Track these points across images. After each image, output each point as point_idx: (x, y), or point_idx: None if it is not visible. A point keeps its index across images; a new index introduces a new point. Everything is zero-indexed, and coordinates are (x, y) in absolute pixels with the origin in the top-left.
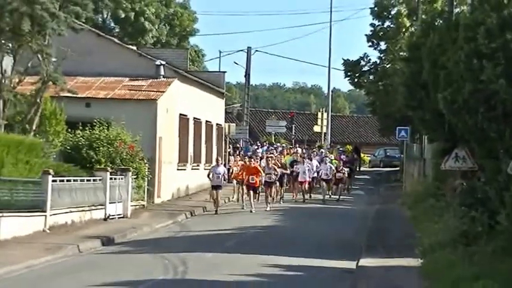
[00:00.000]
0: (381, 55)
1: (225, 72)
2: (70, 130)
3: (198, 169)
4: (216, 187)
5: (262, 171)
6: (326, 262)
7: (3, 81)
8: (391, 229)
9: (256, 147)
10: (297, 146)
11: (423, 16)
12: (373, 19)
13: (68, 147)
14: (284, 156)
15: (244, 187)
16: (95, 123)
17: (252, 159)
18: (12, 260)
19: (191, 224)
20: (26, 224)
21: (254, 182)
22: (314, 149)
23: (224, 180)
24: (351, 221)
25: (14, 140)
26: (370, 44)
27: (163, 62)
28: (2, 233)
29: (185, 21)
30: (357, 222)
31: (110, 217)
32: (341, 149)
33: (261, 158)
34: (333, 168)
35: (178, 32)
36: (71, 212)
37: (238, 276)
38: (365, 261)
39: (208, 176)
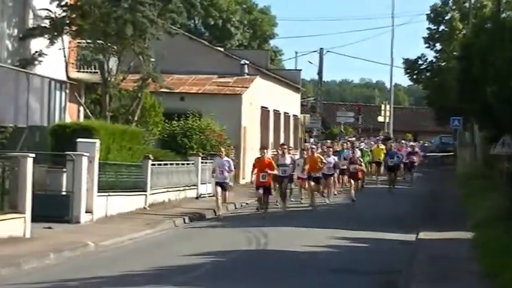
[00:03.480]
0: (437, 55)
1: (300, 70)
2: (166, 121)
3: None
4: (220, 184)
5: (275, 166)
6: (387, 235)
7: (109, 78)
8: (445, 206)
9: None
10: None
11: (474, 20)
12: (429, 23)
13: (165, 136)
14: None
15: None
16: (188, 115)
17: (265, 152)
18: (118, 233)
19: (270, 202)
20: (129, 202)
21: (266, 181)
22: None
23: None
24: (410, 199)
25: (118, 129)
26: (427, 45)
27: (247, 62)
28: (109, 209)
29: (266, 26)
30: (414, 200)
31: (202, 196)
32: (404, 140)
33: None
34: (336, 161)
35: (260, 35)
36: (167, 191)
37: (311, 247)
38: (422, 234)
39: (213, 172)
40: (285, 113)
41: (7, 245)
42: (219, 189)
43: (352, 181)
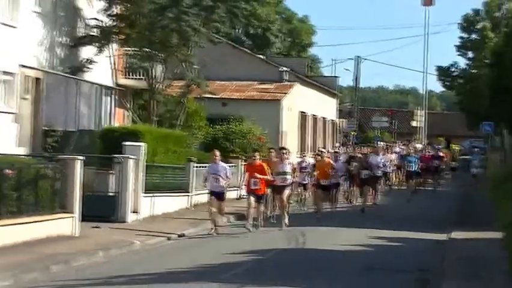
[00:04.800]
0: (469, 62)
1: (337, 77)
2: (209, 125)
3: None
4: (215, 194)
5: (268, 173)
6: (420, 234)
7: (155, 85)
8: (476, 207)
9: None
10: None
11: (505, 29)
12: (461, 32)
13: (208, 139)
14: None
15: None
16: (230, 119)
17: (256, 155)
18: (163, 232)
19: (308, 203)
20: (173, 202)
21: (257, 187)
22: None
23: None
24: (441, 201)
25: (164, 133)
26: (459, 53)
27: (286, 69)
28: (154, 209)
29: (304, 35)
30: (446, 201)
31: (243, 197)
32: (437, 146)
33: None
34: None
35: (298, 43)
36: None
37: (348, 246)
38: (454, 234)
39: (205, 180)
40: (322, 117)
41: (57, 243)
42: (214, 199)
43: (367, 189)
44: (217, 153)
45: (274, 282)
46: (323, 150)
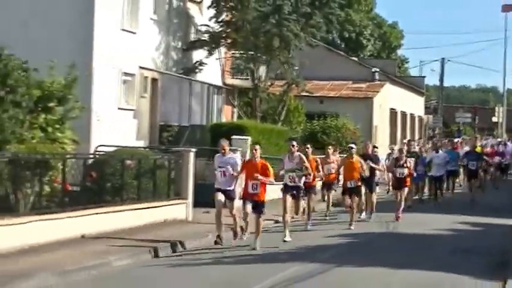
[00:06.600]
0: None
1: (424, 77)
2: (308, 120)
3: None
4: (222, 191)
5: (271, 173)
6: (500, 220)
7: (259, 84)
8: None
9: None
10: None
11: None
12: None
13: (306, 133)
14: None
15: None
16: (327, 115)
17: (256, 151)
18: (266, 217)
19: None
20: (276, 190)
21: (257, 192)
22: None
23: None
24: None
25: (267, 128)
26: None
27: (377, 69)
28: None
29: (394, 38)
30: None
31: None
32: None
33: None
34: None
35: (388, 46)
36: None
37: (436, 231)
38: None
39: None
40: (410, 114)
41: (172, 227)
42: (221, 197)
43: (400, 191)
44: (226, 143)
45: (369, 263)
46: (352, 146)
